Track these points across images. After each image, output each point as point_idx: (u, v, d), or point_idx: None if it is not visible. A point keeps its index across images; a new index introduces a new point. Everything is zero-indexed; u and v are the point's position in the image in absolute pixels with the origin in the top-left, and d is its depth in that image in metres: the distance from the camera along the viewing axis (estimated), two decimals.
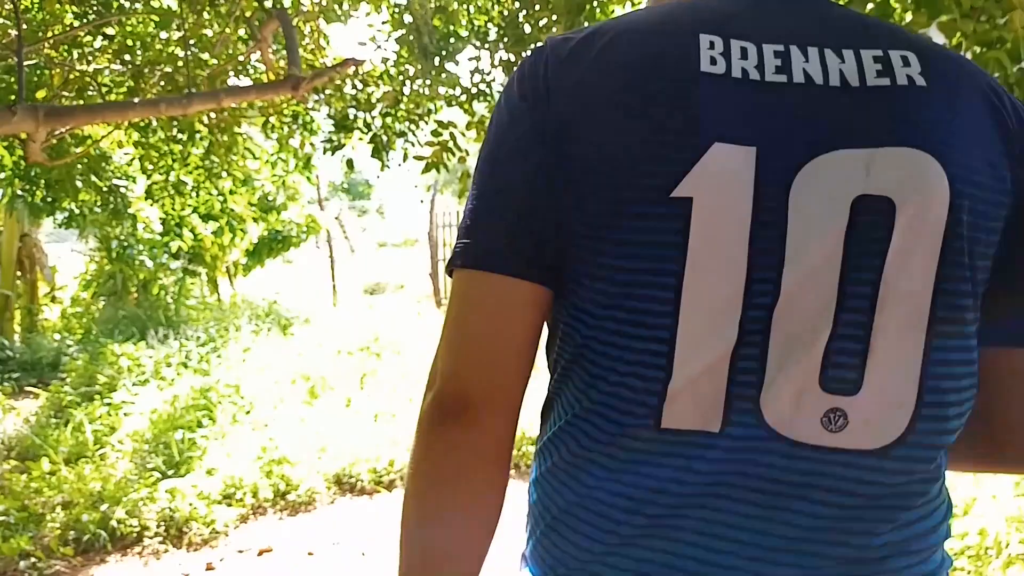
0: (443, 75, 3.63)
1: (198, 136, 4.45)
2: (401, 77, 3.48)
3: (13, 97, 2.37)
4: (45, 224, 8.83)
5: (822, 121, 0.60)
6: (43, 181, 4.64)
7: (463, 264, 0.64)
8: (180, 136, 4.45)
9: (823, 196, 0.58)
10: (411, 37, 3.45)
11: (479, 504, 0.64)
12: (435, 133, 3.51)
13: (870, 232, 0.58)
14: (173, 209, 5.29)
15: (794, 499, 0.60)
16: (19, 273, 8.54)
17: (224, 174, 4.89)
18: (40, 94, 3.58)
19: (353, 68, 3.32)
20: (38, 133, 2.59)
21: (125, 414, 5.19)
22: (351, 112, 3.61)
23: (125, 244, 8.04)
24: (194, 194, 4.97)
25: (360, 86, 3.63)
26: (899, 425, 0.60)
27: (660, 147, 0.59)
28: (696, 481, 0.60)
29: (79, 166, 4.20)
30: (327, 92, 3.60)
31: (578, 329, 0.63)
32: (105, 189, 4.84)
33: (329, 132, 3.75)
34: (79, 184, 4.28)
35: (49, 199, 4.90)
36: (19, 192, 5.04)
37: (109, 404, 5.35)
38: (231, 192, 5.21)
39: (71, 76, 3.53)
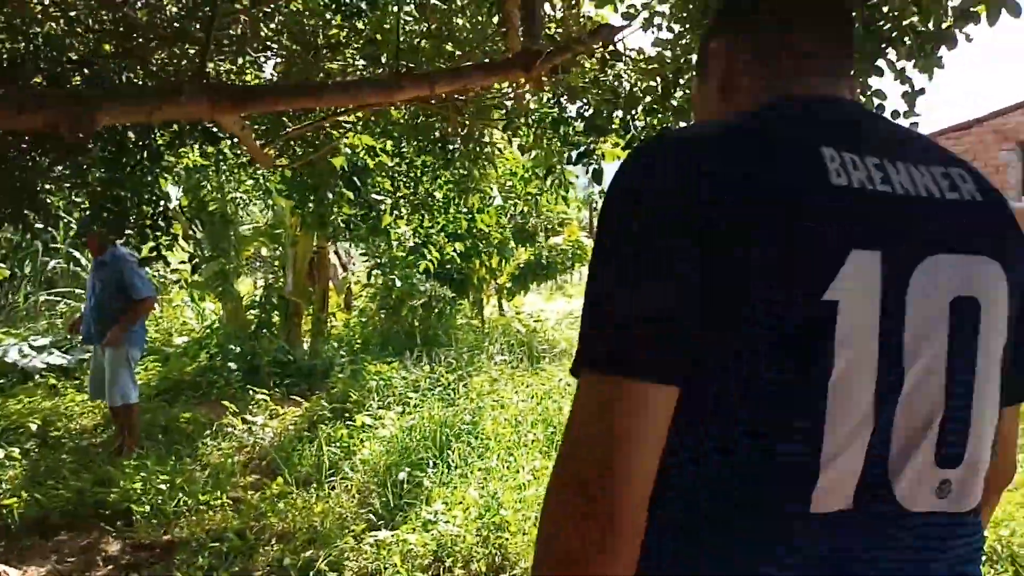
0: None
1: (449, 146, 4.03)
2: (681, 60, 2.60)
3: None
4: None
5: (922, 229, 0.70)
6: (309, 194, 4.56)
7: (613, 372, 0.65)
8: (430, 146, 4.07)
9: (931, 296, 0.69)
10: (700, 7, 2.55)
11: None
12: None
13: (965, 329, 0.70)
14: (422, 227, 5.01)
15: (911, 552, 0.70)
16: (312, 282, 9.19)
17: (473, 190, 4.47)
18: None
19: (608, 46, 2.55)
20: (228, 123, 2.23)
21: (364, 438, 4.96)
22: (607, 108, 2.81)
23: (381, 261, 8.21)
24: (443, 211, 4.62)
25: (625, 73, 2.82)
26: (979, 488, 0.73)
27: (810, 255, 0.64)
28: (839, 550, 0.67)
29: (332, 179, 4.00)
30: (580, 82, 2.86)
31: (724, 424, 0.67)
32: (362, 202, 4.66)
33: (577, 134, 3.01)
34: (332, 196, 4.12)
35: (317, 211, 4.83)
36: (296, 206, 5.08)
37: (351, 425, 5.17)
38: (479, 211, 4.79)
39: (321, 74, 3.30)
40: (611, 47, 2.53)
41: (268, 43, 3.70)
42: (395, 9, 3.47)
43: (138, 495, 4.19)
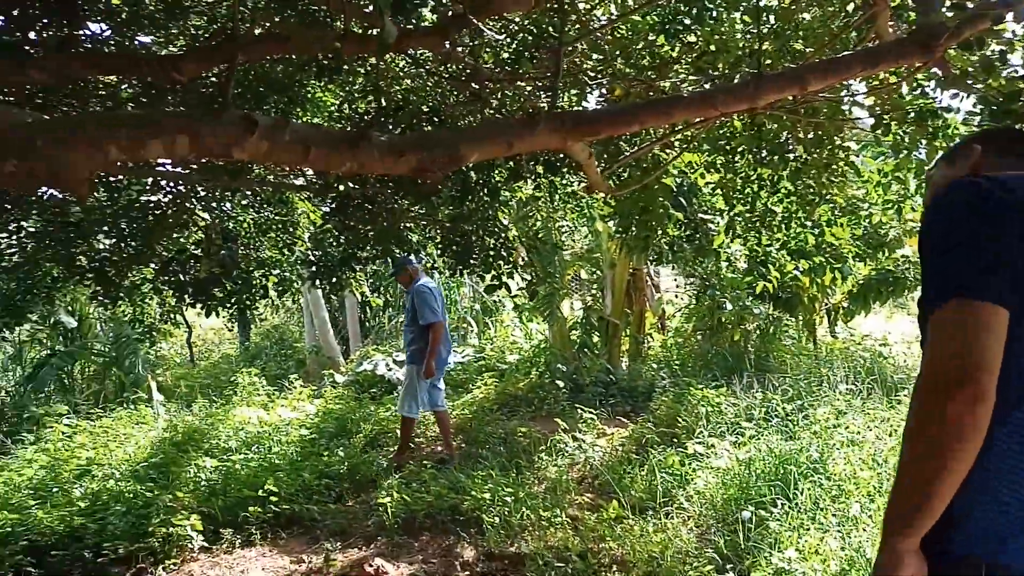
0: None
1: (789, 156, 3.67)
2: None
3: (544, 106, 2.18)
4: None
5: None
6: (635, 217, 4.53)
7: (973, 296, 1.11)
8: (768, 158, 3.75)
9: None
10: None
11: (976, 448, 1.08)
12: None
13: None
14: (759, 245, 4.64)
15: None
16: (628, 304, 9.25)
17: (820, 201, 4.01)
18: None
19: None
20: (576, 151, 2.21)
21: (696, 467, 4.74)
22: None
23: (708, 283, 7.84)
24: (783, 227, 4.22)
25: None
26: None
27: None
28: None
29: (660, 197, 3.90)
30: (971, 63, 2.32)
31: None
32: (689, 222, 4.50)
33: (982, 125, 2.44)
34: (660, 218, 4.02)
35: (642, 234, 4.79)
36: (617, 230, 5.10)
37: (682, 452, 4.99)
38: (828, 223, 4.26)
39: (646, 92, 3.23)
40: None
41: (598, 70, 3.76)
42: (731, 15, 3.27)
43: (487, 504, 4.48)
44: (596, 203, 5.75)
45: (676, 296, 11.46)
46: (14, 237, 4.72)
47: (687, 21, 3.30)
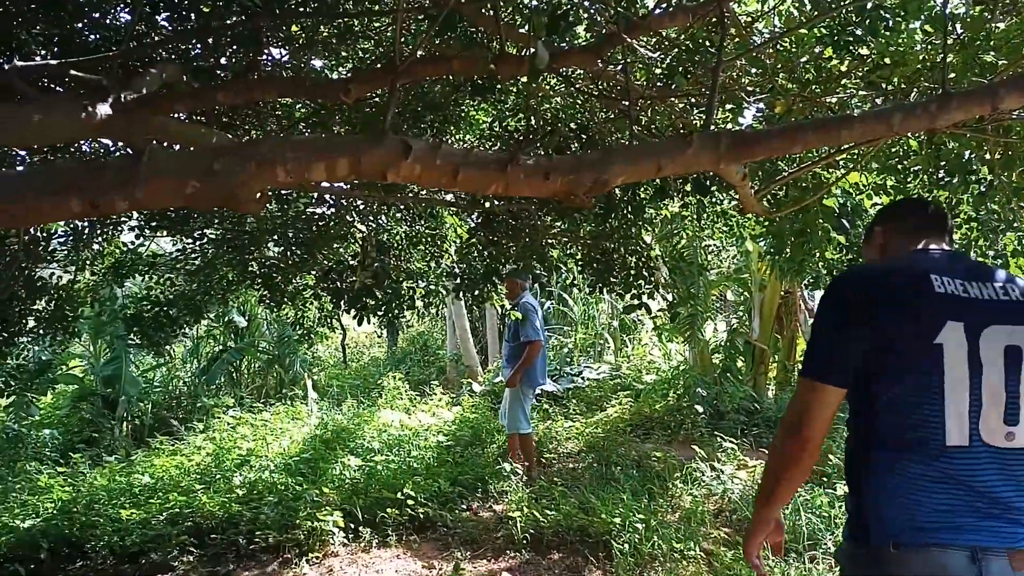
0: None
1: (972, 178, 3.31)
2: None
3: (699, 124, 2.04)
4: None
5: (987, 313, 1.55)
6: (791, 239, 4.28)
7: (811, 377, 1.62)
8: (947, 179, 3.41)
9: (992, 344, 1.53)
10: None
11: (803, 478, 1.70)
12: None
13: (1012, 360, 1.53)
14: None
15: (998, 471, 1.51)
16: (778, 328, 8.77)
17: (1007, 229, 3.56)
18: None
19: None
20: (730, 172, 2.09)
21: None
22: None
23: None
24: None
25: None
26: None
27: (927, 322, 1.54)
28: (951, 464, 1.50)
29: (819, 220, 3.65)
30: None
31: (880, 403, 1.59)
32: (851, 246, 4.17)
33: None
34: (818, 240, 3.76)
35: (798, 257, 4.51)
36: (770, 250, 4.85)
37: (833, 495, 4.64)
38: (1014, 254, 3.76)
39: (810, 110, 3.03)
40: None
41: (757, 85, 3.59)
42: (909, 25, 3.01)
43: (617, 529, 4.38)
44: (748, 223, 5.51)
45: None
46: (197, 244, 5.21)
47: (859, 32, 3.08)
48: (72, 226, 5.10)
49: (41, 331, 4.87)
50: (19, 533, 4.59)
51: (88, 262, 5.31)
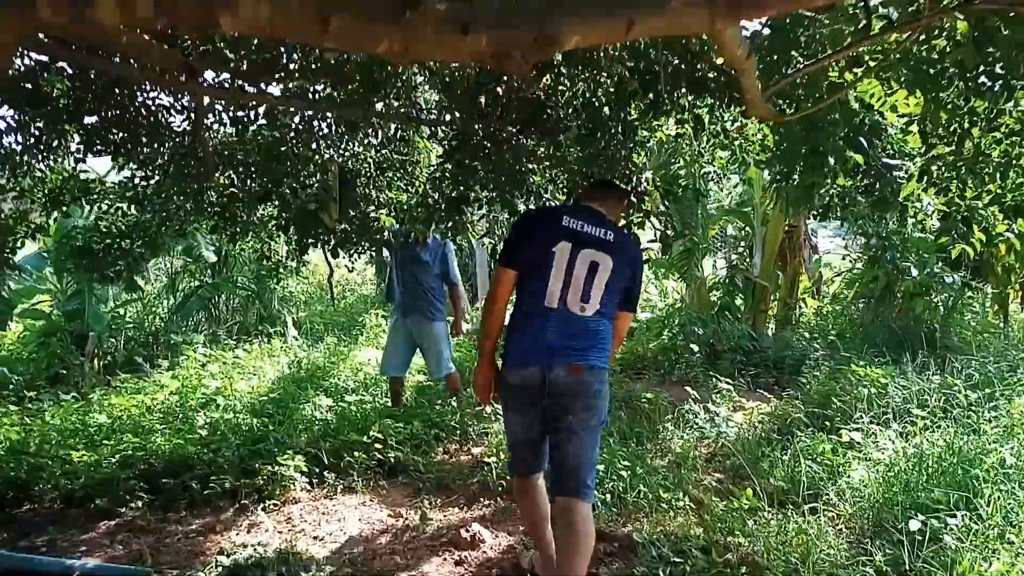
0: None
1: (1018, 84, 2.82)
2: None
3: None
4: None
5: (587, 242, 2.83)
6: (797, 157, 3.80)
7: (502, 265, 2.92)
8: (989, 85, 2.90)
9: (584, 259, 2.80)
10: None
11: (497, 323, 3.00)
12: None
13: (592, 269, 2.81)
14: (961, 198, 3.69)
15: (573, 325, 2.80)
16: (780, 265, 8.33)
17: None
18: None
19: None
20: (729, 41, 1.61)
21: (852, 459, 4.04)
22: None
23: (887, 243, 6.73)
24: (998, 175, 3.30)
25: None
26: (597, 312, 2.82)
27: (551, 238, 2.83)
28: (547, 319, 2.79)
29: (834, 136, 3.16)
30: None
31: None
32: (868, 169, 3.69)
33: None
34: (832, 161, 3.27)
35: (807, 182, 4.03)
36: (777, 176, 4.37)
37: (836, 440, 4.28)
38: None
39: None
40: None
41: None
42: None
43: (600, 475, 4.04)
44: (752, 146, 5.00)
45: (844, 258, 10.25)
46: (142, 169, 4.74)
47: None
48: (8, 150, 4.60)
49: None
50: None
51: (27, 189, 4.85)
